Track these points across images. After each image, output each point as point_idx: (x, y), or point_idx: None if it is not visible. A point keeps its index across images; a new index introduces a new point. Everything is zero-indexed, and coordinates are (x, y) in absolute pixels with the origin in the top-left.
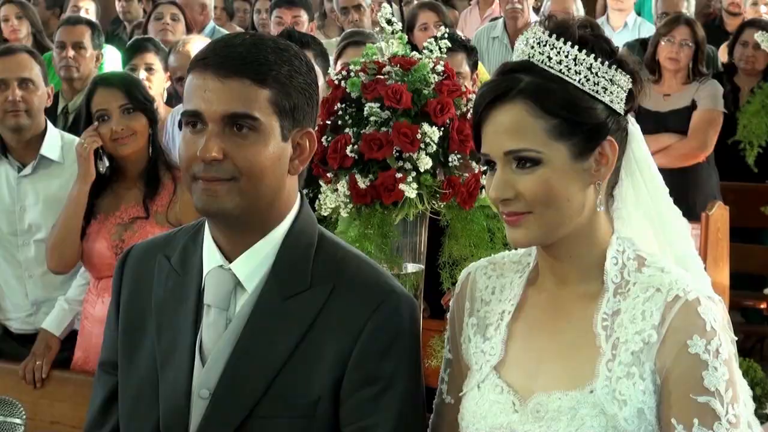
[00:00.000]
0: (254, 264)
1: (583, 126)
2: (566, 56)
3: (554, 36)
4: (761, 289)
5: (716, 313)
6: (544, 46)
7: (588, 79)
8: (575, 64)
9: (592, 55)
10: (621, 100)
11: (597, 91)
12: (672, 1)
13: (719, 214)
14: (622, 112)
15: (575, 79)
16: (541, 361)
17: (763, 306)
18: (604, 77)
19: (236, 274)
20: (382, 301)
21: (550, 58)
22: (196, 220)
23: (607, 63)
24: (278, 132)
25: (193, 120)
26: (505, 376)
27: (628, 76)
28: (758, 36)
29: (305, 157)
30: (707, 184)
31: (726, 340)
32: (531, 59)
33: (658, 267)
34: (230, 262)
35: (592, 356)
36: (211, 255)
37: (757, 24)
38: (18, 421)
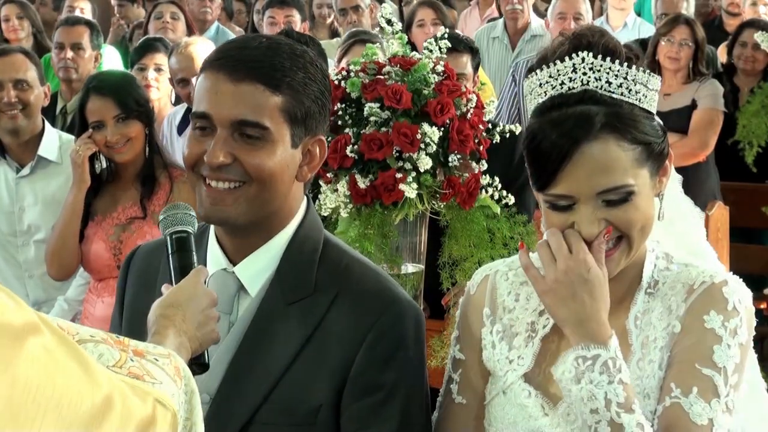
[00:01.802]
0: (258, 268)
1: (654, 145)
2: (625, 78)
3: (608, 59)
4: (761, 289)
5: (744, 297)
6: (599, 71)
7: (645, 96)
8: (634, 84)
9: (641, 69)
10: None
11: (651, 105)
12: (672, 2)
13: (719, 214)
14: None
15: (635, 99)
16: None
17: (763, 306)
18: (654, 89)
19: (239, 278)
20: (384, 310)
21: (609, 83)
22: (201, 223)
23: (649, 72)
24: (288, 139)
25: (202, 122)
26: (534, 382)
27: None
28: (758, 36)
29: (315, 164)
30: (707, 184)
31: (747, 326)
32: (588, 86)
33: (682, 263)
34: (234, 265)
35: (624, 356)
36: (215, 258)
37: (756, 24)
38: (192, 212)
